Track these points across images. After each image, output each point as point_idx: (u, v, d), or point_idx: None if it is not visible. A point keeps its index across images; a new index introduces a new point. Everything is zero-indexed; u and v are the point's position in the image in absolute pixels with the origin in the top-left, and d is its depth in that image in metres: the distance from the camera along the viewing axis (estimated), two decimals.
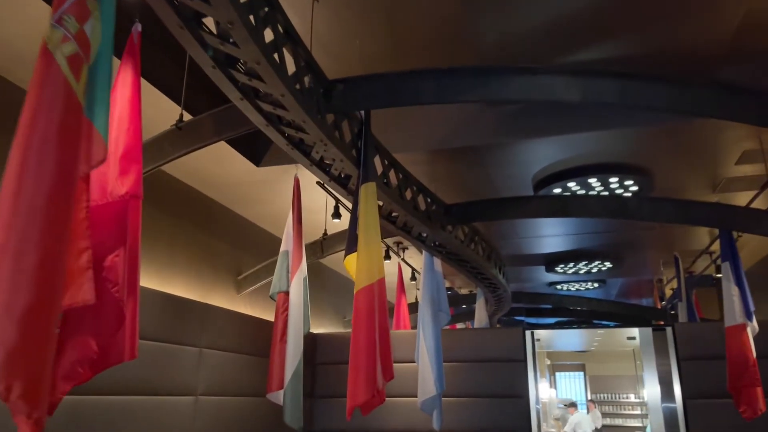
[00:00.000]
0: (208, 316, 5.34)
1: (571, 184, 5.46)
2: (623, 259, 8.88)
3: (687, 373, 6.45)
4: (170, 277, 5.53)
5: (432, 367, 5.45)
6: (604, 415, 17.08)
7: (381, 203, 4.55)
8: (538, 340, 11.07)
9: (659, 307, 10.98)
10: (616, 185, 5.41)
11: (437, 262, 5.94)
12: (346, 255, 3.83)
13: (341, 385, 6.15)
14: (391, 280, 8.76)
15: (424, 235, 5.31)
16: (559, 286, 11.39)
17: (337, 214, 5.68)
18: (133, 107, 2.99)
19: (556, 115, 4.40)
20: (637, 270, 9.87)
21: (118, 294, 2.70)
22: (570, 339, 15.77)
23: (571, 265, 8.95)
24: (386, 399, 6.33)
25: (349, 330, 6.33)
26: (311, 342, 7.44)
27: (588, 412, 15.53)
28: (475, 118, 4.72)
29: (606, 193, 6.07)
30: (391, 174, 4.50)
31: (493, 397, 6.58)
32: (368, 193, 3.73)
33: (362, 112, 3.82)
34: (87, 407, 3.85)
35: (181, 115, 3.66)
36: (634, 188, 5.47)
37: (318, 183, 5.53)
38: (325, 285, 8.89)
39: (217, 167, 5.47)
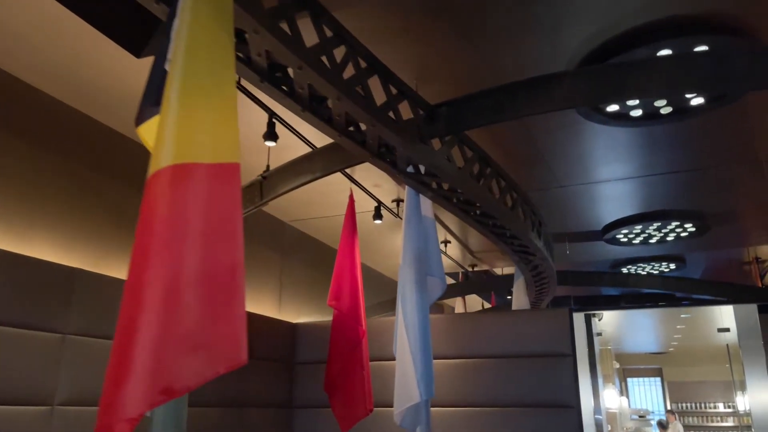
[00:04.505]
0: (79, 287, 3.60)
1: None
2: (711, 218, 6.54)
3: None
4: (29, 235, 3.80)
5: (415, 363, 3.49)
6: (688, 428, 14.56)
7: (292, 70, 2.65)
8: (599, 334, 8.81)
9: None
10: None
11: (426, 204, 3.98)
12: (139, 120, 1.97)
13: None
14: None
15: (394, 151, 3.36)
16: (624, 270, 9.06)
17: (272, 134, 3.80)
18: None
19: None
20: (730, 238, 7.44)
21: None
22: (643, 338, 13.40)
23: (638, 229, 6.66)
24: (374, 409, 4.51)
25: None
26: (289, 335, 5.65)
27: (668, 425, 13.20)
28: None
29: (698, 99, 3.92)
30: (304, 23, 2.60)
31: (527, 406, 4.57)
32: (200, 3, 1.84)
33: None
34: None
35: None
36: None
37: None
38: (311, 260, 7.01)
39: (87, 69, 3.73)
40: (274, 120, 3.81)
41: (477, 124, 3.32)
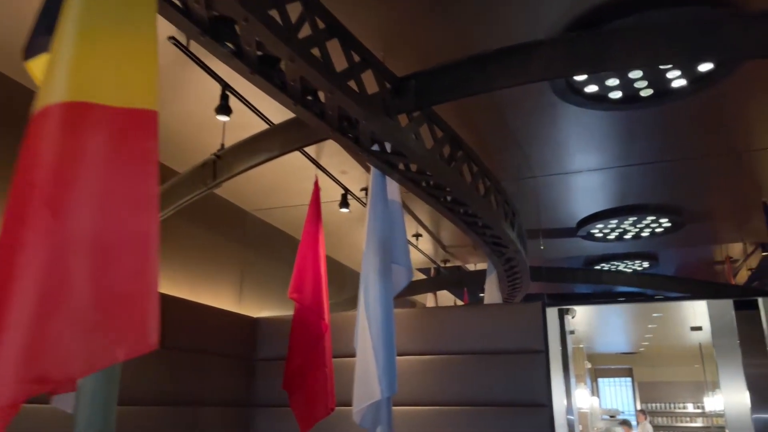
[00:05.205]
0: None
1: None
2: (686, 213, 6.40)
3: None
4: None
5: (377, 358, 3.22)
6: (657, 428, 14.58)
7: (239, 26, 2.35)
8: (572, 332, 8.65)
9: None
10: None
11: (393, 187, 3.70)
12: (28, 54, 1.69)
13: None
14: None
15: (357, 125, 3.07)
16: (597, 267, 8.93)
17: (225, 108, 3.48)
18: None
19: None
20: (704, 235, 7.34)
21: None
22: (614, 338, 13.36)
23: (614, 223, 6.50)
24: (336, 408, 4.21)
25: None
26: (250, 330, 5.32)
27: (637, 425, 13.19)
28: None
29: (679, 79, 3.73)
30: None
31: (497, 405, 4.33)
32: None
33: None
34: None
35: None
36: None
37: (174, 43, 3.31)
38: (275, 252, 6.68)
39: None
40: (227, 93, 3.50)
41: (447, 98, 3.06)
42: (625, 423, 12.58)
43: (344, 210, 5.40)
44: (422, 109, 3.25)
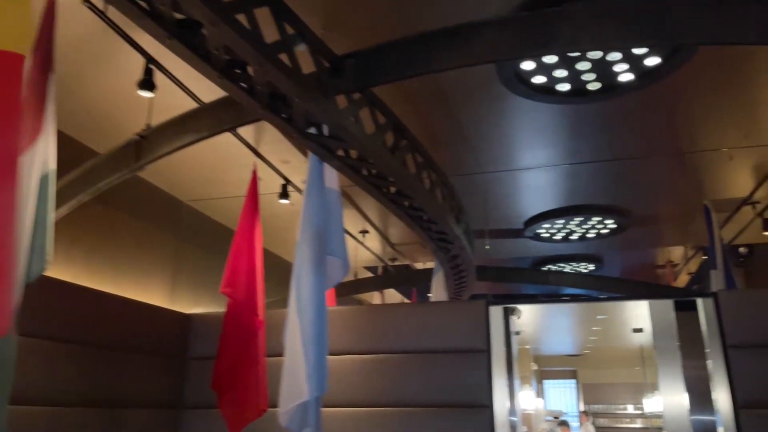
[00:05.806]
0: None
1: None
2: (631, 214, 6.43)
3: (740, 369, 4.14)
4: None
5: (307, 355, 3.00)
6: (599, 429, 14.84)
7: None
8: (518, 333, 8.61)
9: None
10: None
11: (331, 174, 3.49)
12: None
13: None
14: None
15: (291, 104, 2.85)
16: (544, 269, 8.95)
17: (149, 83, 3.19)
18: None
19: None
20: (647, 237, 7.42)
21: None
22: (560, 339, 13.51)
23: (560, 223, 6.48)
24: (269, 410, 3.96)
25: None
26: (182, 327, 5.00)
27: (580, 426, 13.38)
28: None
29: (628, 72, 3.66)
30: None
31: (435, 406, 4.18)
32: None
33: None
34: None
35: None
36: None
37: (89, 7, 3.00)
38: (211, 245, 6.36)
39: None
40: (151, 67, 3.21)
41: (388, 78, 2.87)
42: (564, 424, 12.74)
43: (284, 201, 5.16)
44: (362, 91, 3.05)
